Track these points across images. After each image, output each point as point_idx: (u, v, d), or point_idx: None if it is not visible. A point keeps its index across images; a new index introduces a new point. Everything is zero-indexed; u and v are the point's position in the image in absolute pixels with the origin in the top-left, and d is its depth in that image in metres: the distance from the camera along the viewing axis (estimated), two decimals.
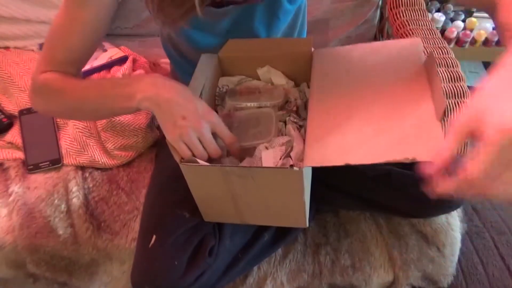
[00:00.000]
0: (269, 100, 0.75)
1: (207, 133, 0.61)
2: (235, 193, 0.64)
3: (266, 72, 0.79)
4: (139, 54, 1.17)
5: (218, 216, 0.73)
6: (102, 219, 0.86)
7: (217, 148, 0.63)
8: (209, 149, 0.62)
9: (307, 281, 0.81)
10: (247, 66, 0.79)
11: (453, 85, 0.91)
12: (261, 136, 0.69)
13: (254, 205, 0.67)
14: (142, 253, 0.71)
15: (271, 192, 0.63)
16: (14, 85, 1.05)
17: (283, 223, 0.74)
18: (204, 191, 0.67)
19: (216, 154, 0.63)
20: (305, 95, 0.78)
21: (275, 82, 0.79)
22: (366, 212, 0.88)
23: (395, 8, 1.14)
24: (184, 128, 0.59)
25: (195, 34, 0.76)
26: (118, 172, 0.94)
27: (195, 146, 0.60)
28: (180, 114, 0.60)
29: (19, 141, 0.96)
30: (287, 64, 0.78)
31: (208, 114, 0.63)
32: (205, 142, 0.61)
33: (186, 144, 0.60)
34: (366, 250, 0.83)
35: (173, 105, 0.60)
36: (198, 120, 0.60)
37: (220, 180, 0.62)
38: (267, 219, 0.72)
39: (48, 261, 0.85)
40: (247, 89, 0.78)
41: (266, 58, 0.78)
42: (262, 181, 0.61)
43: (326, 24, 1.20)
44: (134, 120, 0.98)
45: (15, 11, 1.12)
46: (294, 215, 0.68)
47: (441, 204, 0.78)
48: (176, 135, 0.60)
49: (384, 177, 0.78)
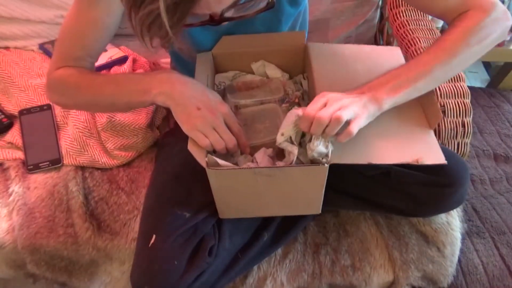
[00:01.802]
0: (270, 95, 0.75)
1: (221, 123, 0.64)
2: (258, 190, 0.66)
3: (260, 66, 0.80)
4: (139, 54, 1.17)
5: (236, 212, 0.74)
6: (102, 219, 0.86)
7: (232, 137, 0.65)
8: (224, 138, 0.64)
9: (307, 281, 0.81)
10: (241, 62, 0.81)
11: (453, 85, 0.91)
12: (269, 133, 0.70)
13: (275, 199, 0.70)
14: (142, 253, 0.71)
15: (295, 187, 0.66)
16: (14, 85, 1.05)
17: (299, 212, 0.77)
18: (227, 192, 0.68)
19: (231, 143, 0.65)
20: (301, 87, 0.79)
21: (270, 75, 0.80)
22: (366, 212, 0.88)
23: (395, 8, 1.14)
24: (199, 118, 0.62)
25: (198, 35, 0.76)
26: (118, 172, 0.94)
27: (211, 134, 0.63)
28: (195, 105, 0.63)
29: (19, 141, 0.96)
30: (281, 58, 0.80)
31: (220, 106, 0.66)
32: (220, 131, 0.64)
33: (202, 133, 0.62)
34: (366, 250, 0.83)
35: (188, 97, 0.63)
36: (212, 111, 0.64)
37: (246, 181, 0.64)
38: (284, 209, 0.75)
39: (48, 261, 0.85)
40: (244, 84, 0.79)
41: (260, 53, 0.79)
42: (288, 178, 0.64)
43: (326, 24, 1.20)
44: (134, 120, 0.98)
45: (15, 11, 1.12)
46: (311, 204, 0.72)
47: (441, 203, 0.78)
48: (192, 125, 0.62)
49: (384, 176, 0.78)
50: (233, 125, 0.67)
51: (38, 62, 1.12)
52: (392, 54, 0.78)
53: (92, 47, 0.73)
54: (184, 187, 0.77)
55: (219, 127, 0.64)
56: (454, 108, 0.89)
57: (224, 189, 0.67)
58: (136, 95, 0.66)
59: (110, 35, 0.73)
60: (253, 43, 0.78)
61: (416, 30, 1.06)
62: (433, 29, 1.08)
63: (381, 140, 0.64)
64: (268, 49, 0.78)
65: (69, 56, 0.73)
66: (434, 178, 0.75)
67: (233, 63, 0.81)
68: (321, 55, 0.76)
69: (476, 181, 1.13)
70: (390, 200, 0.80)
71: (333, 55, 0.77)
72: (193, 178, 0.75)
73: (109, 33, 0.73)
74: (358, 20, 1.20)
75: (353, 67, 0.75)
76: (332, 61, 0.75)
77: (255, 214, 0.75)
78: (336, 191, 0.81)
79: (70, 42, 0.73)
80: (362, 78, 0.67)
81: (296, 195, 0.69)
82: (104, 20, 0.70)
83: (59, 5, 1.13)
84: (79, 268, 0.86)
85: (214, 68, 0.81)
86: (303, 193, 0.68)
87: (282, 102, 0.76)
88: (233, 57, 0.79)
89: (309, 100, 0.77)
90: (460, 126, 0.89)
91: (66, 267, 0.86)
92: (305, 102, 0.78)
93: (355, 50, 0.79)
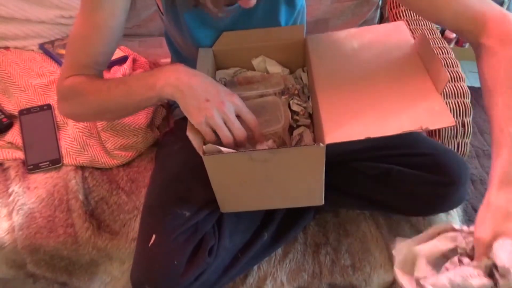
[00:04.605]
0: (270, 87, 0.76)
1: (231, 114, 0.62)
2: (257, 178, 0.66)
3: (261, 62, 0.80)
4: (139, 54, 1.17)
5: (237, 205, 0.74)
6: (102, 219, 0.86)
7: (242, 129, 0.63)
8: (234, 130, 0.62)
9: (307, 281, 0.81)
10: (242, 58, 0.81)
11: (453, 85, 0.91)
12: (270, 125, 0.70)
13: (275, 188, 0.69)
14: (142, 253, 0.71)
15: (293, 172, 0.65)
16: (14, 85, 1.05)
17: (301, 203, 0.76)
18: (225, 181, 0.67)
19: (242, 136, 0.63)
20: (301, 81, 0.80)
21: (271, 70, 0.80)
22: (366, 211, 0.88)
23: (395, 8, 1.14)
24: (208, 110, 0.60)
25: (197, 32, 0.76)
26: (118, 172, 0.94)
27: (221, 128, 0.61)
28: (203, 97, 0.61)
29: (19, 141, 0.96)
30: (281, 53, 0.80)
31: (230, 96, 0.64)
32: (230, 123, 0.62)
33: (211, 127, 0.61)
34: (366, 250, 0.83)
35: (196, 89, 0.61)
36: (221, 101, 0.61)
37: (243, 167, 0.63)
38: (286, 201, 0.74)
39: (48, 261, 0.85)
40: (245, 79, 0.80)
41: (259, 49, 0.79)
42: (285, 162, 0.63)
43: (326, 24, 1.20)
44: (134, 120, 0.98)
45: (15, 11, 1.12)
46: (312, 193, 0.71)
47: (441, 203, 0.78)
48: (201, 118, 0.60)
49: (384, 176, 0.78)
50: (247, 116, 0.64)
51: (38, 62, 1.12)
52: (397, 31, 0.76)
53: (98, 54, 0.72)
54: (184, 186, 0.77)
55: (229, 120, 0.61)
56: (454, 108, 0.89)
57: (222, 179, 0.66)
58: (143, 91, 0.65)
59: (115, 39, 0.72)
60: (253, 39, 0.78)
61: (416, 30, 1.06)
62: (433, 29, 1.08)
63: (381, 111, 0.62)
64: (268, 44, 0.78)
65: (77, 65, 0.72)
66: (434, 177, 0.75)
67: (233, 60, 0.81)
68: (319, 46, 0.75)
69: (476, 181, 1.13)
70: (390, 199, 0.80)
71: (332, 45, 0.76)
72: (193, 177, 0.75)
73: (114, 38, 0.72)
74: (358, 20, 1.20)
75: (356, 54, 0.73)
76: (331, 52, 0.75)
77: (256, 206, 0.74)
78: (337, 191, 0.81)
79: (76, 50, 0.72)
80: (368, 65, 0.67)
81: (296, 183, 0.68)
82: (109, 24, 0.69)
83: (59, 5, 1.13)
84: (79, 268, 0.86)
85: (215, 65, 0.81)
86: (302, 180, 0.67)
87: (282, 95, 0.76)
88: (233, 53, 0.79)
89: (309, 93, 0.78)
90: (460, 126, 0.89)
91: (66, 267, 0.86)
92: (305, 95, 0.78)
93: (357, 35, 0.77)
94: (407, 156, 0.78)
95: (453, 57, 0.99)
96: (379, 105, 0.63)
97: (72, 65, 0.72)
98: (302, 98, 0.76)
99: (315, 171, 0.65)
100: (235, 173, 0.65)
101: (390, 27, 0.78)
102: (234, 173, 0.65)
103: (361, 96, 0.65)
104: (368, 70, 0.70)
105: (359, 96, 0.66)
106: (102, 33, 0.70)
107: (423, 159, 0.77)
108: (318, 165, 0.63)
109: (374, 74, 0.69)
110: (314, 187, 0.69)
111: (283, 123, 0.70)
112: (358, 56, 0.73)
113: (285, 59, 0.81)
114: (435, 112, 0.59)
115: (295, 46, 0.79)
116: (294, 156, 0.62)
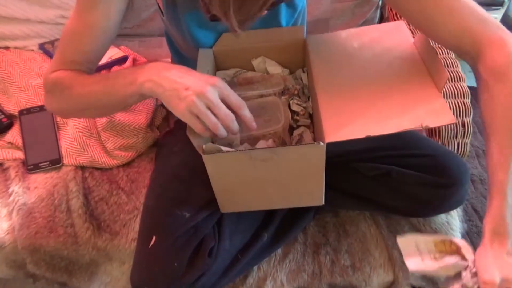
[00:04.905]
0: (270, 87, 0.76)
1: (214, 97, 0.58)
2: (257, 178, 0.65)
3: (260, 62, 0.80)
4: (139, 54, 1.17)
5: (237, 205, 0.74)
6: (102, 219, 0.86)
7: (229, 112, 0.60)
8: (220, 115, 0.59)
9: (307, 281, 0.81)
10: (241, 59, 0.81)
11: (453, 85, 0.91)
12: (270, 125, 0.70)
13: (275, 188, 0.69)
14: (142, 254, 0.71)
15: (293, 172, 0.65)
16: (14, 85, 1.05)
17: (301, 203, 0.76)
18: (225, 181, 0.67)
19: (229, 120, 0.60)
20: (301, 81, 0.80)
21: (271, 71, 0.80)
22: (366, 212, 0.88)
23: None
24: (189, 97, 0.57)
25: (198, 34, 0.76)
26: (118, 172, 0.94)
27: (206, 115, 0.58)
28: (182, 86, 0.58)
29: (19, 141, 0.96)
30: (281, 53, 0.80)
31: (211, 79, 0.60)
32: (214, 107, 0.58)
33: (196, 115, 0.58)
34: (366, 250, 0.83)
35: (174, 79, 0.59)
36: (201, 86, 0.58)
37: (243, 166, 0.63)
38: (286, 201, 0.74)
39: (48, 261, 0.85)
40: (245, 80, 0.80)
41: (259, 49, 0.79)
42: (285, 162, 0.63)
43: (326, 24, 1.20)
44: (134, 120, 0.98)
45: (15, 11, 1.12)
46: (312, 193, 0.71)
47: (441, 204, 0.78)
48: (183, 108, 0.58)
49: (384, 177, 0.78)
50: (231, 98, 0.61)
51: (38, 62, 1.12)
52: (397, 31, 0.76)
53: (90, 52, 0.71)
54: (184, 187, 0.77)
55: (212, 104, 0.58)
56: (454, 108, 0.89)
57: (222, 178, 0.66)
58: (123, 87, 0.63)
59: (108, 39, 0.71)
60: (253, 39, 0.78)
61: (416, 30, 1.05)
62: None
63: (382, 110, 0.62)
64: (268, 45, 0.78)
65: (66, 60, 0.71)
66: (434, 178, 0.75)
67: (233, 60, 0.81)
68: (319, 47, 0.76)
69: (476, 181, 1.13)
70: (390, 200, 0.80)
71: (332, 45, 0.76)
72: (193, 178, 0.75)
73: (107, 38, 0.71)
74: (358, 20, 1.20)
75: (356, 54, 0.73)
76: (331, 52, 0.75)
77: (256, 206, 0.74)
78: (337, 191, 0.81)
79: (68, 46, 0.71)
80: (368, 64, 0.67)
81: (296, 183, 0.68)
82: (102, 24, 0.68)
83: (59, 5, 1.13)
84: (79, 268, 0.86)
85: (215, 65, 0.81)
86: (303, 180, 0.67)
87: (282, 95, 0.76)
88: (233, 54, 0.79)
89: (309, 93, 0.78)
90: (460, 126, 0.89)
91: (66, 267, 0.86)
92: (305, 95, 0.78)
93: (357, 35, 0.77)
94: (407, 157, 0.78)
95: (453, 57, 0.99)
96: (379, 105, 0.63)
97: (61, 60, 0.71)
98: (302, 98, 0.76)
99: (316, 170, 0.65)
100: (235, 173, 0.65)
101: (390, 26, 0.78)
102: (234, 172, 0.65)
103: (361, 96, 0.65)
104: (368, 70, 0.70)
105: (359, 96, 0.66)
106: (94, 32, 0.69)
107: (423, 160, 0.77)
108: (319, 164, 0.63)
109: (374, 74, 0.69)
110: (314, 187, 0.69)
111: (283, 123, 0.70)
112: (358, 56, 0.73)
113: (285, 59, 0.81)
114: (435, 110, 0.59)
115: (295, 46, 0.79)
116: (294, 155, 0.62)
